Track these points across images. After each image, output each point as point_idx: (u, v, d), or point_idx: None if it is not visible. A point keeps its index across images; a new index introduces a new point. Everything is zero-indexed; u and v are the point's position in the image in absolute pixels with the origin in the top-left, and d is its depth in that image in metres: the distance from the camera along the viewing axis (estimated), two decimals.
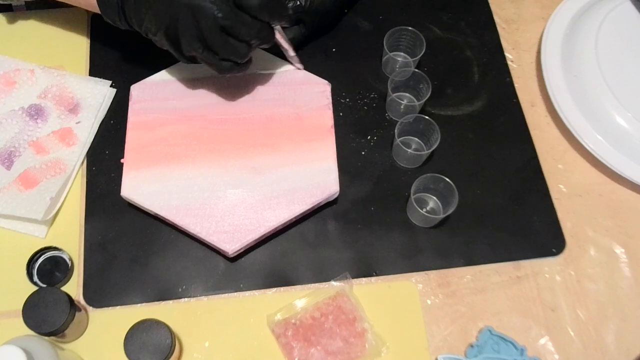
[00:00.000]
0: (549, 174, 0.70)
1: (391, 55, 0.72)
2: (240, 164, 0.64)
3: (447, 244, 0.65)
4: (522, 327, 0.61)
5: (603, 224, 0.67)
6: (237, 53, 0.58)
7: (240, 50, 0.58)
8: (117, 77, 0.72)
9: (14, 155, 0.67)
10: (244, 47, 0.58)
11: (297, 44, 0.72)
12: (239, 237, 0.60)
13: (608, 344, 0.61)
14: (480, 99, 0.74)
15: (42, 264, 0.63)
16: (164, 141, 0.65)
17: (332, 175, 0.63)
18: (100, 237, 0.64)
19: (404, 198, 0.67)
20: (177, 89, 0.68)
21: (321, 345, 0.58)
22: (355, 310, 0.60)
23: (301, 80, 0.69)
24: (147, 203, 0.62)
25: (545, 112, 0.74)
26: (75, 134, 0.69)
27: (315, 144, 0.65)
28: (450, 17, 0.80)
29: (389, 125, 0.71)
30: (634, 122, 0.67)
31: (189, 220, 0.61)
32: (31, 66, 0.72)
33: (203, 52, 0.58)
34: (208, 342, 0.60)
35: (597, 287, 0.64)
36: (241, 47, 0.58)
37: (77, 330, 0.59)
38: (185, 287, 0.62)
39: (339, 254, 0.64)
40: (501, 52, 0.77)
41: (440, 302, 0.62)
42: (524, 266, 0.64)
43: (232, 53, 0.58)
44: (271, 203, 0.62)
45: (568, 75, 0.72)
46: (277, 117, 0.66)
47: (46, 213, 0.63)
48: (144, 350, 0.53)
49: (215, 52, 0.58)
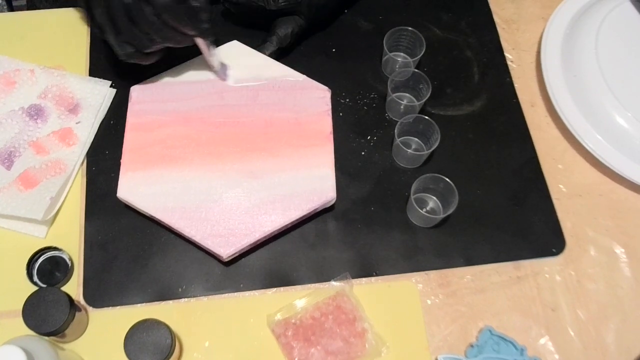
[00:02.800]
0: (549, 174, 0.70)
1: (391, 55, 0.72)
2: (238, 167, 0.64)
3: (447, 244, 0.65)
4: (522, 327, 0.61)
5: (603, 224, 0.67)
6: (139, 42, 0.59)
7: (142, 40, 0.58)
8: (117, 77, 0.72)
9: (14, 155, 0.67)
10: (145, 40, 0.58)
11: (295, 37, 0.72)
12: (233, 241, 0.60)
13: (608, 343, 0.61)
14: (480, 99, 0.74)
15: (42, 264, 0.63)
16: (162, 143, 0.65)
17: (329, 182, 0.63)
18: (100, 237, 0.64)
19: (404, 198, 0.67)
20: (177, 91, 0.68)
21: (321, 345, 0.58)
22: (355, 310, 0.60)
23: (301, 86, 0.68)
24: (142, 205, 0.61)
25: (545, 112, 0.74)
26: (75, 134, 0.69)
27: (314, 150, 0.65)
28: (450, 17, 0.80)
29: (389, 125, 0.71)
30: (634, 122, 0.67)
31: (184, 223, 0.60)
32: (31, 66, 0.72)
33: (110, 29, 0.58)
34: (208, 342, 0.60)
35: (597, 287, 0.64)
36: (142, 38, 0.58)
37: (77, 330, 0.59)
38: (185, 287, 0.62)
39: (339, 254, 0.64)
40: (501, 52, 0.77)
41: (440, 302, 0.62)
42: (524, 266, 0.64)
43: (133, 39, 0.58)
44: (267, 208, 0.62)
45: (568, 75, 0.72)
46: (276, 121, 0.66)
47: (46, 213, 0.63)
48: (144, 350, 0.53)
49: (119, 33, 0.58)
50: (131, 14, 0.56)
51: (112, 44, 0.60)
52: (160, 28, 0.58)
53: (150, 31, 0.58)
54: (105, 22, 0.58)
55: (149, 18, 0.57)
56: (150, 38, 0.59)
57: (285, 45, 0.72)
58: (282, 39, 0.71)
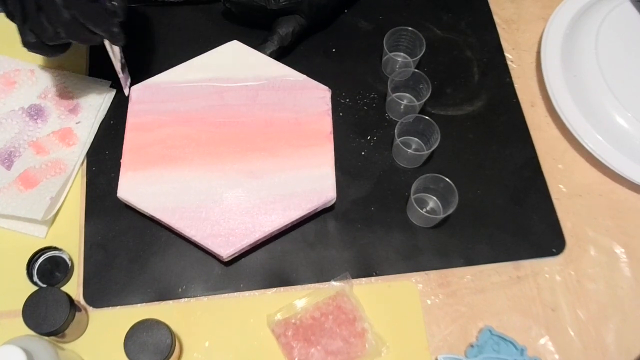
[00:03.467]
0: (549, 174, 0.70)
1: (391, 55, 0.72)
2: (238, 167, 0.64)
3: (447, 244, 0.65)
4: (522, 327, 0.61)
5: (603, 224, 0.67)
6: (43, 32, 0.57)
7: (47, 31, 0.57)
8: (117, 78, 0.72)
9: (14, 155, 0.67)
10: (50, 31, 0.57)
11: (296, 36, 0.72)
12: (233, 242, 0.60)
13: (608, 343, 0.61)
14: (480, 99, 0.74)
15: (42, 264, 0.63)
16: (162, 143, 0.65)
17: (329, 182, 0.63)
18: (100, 237, 0.64)
19: (404, 198, 0.67)
20: (177, 91, 0.68)
21: (321, 345, 0.58)
22: (355, 310, 0.60)
23: (301, 86, 0.68)
24: (143, 205, 0.62)
25: (545, 112, 0.74)
26: (75, 134, 0.69)
27: (314, 150, 0.65)
28: (450, 17, 0.80)
29: (389, 125, 0.71)
30: (634, 122, 0.67)
31: (184, 223, 0.60)
32: (31, 66, 0.72)
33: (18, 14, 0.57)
34: (208, 342, 0.60)
35: (597, 287, 0.64)
36: (48, 29, 0.57)
37: (77, 330, 0.59)
38: (185, 287, 0.62)
39: (339, 254, 0.64)
40: (501, 52, 0.77)
41: (440, 302, 0.62)
42: (524, 266, 0.64)
43: (38, 28, 0.57)
44: (267, 208, 0.62)
45: (568, 75, 0.72)
46: (276, 121, 0.66)
47: (46, 213, 0.63)
48: (144, 350, 0.53)
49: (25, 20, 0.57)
50: (41, 3, 0.55)
51: (18, 30, 0.59)
52: (68, 22, 0.57)
53: (57, 24, 0.57)
54: (15, 7, 0.57)
55: (58, 10, 0.56)
56: (56, 31, 0.57)
57: (286, 44, 0.72)
58: (283, 38, 0.71)
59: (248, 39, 0.71)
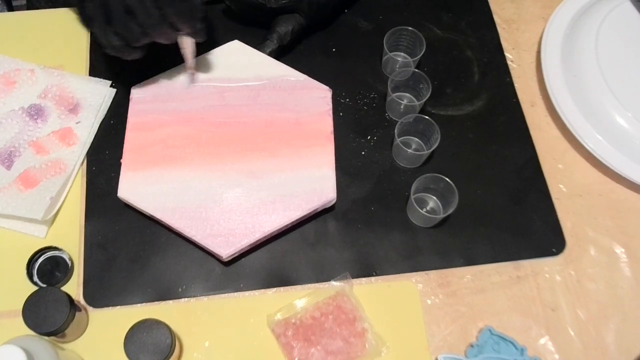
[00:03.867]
0: (549, 174, 0.70)
1: (391, 55, 0.72)
2: (238, 167, 0.64)
3: (447, 244, 0.65)
4: (522, 327, 0.61)
5: (603, 224, 0.67)
6: (131, 34, 0.58)
7: (134, 33, 0.57)
8: (117, 77, 0.72)
9: (14, 155, 0.67)
10: (139, 32, 0.57)
11: (296, 34, 0.72)
12: (233, 242, 0.60)
13: (608, 343, 0.61)
14: (480, 99, 0.74)
15: (42, 264, 0.63)
16: (163, 143, 0.65)
17: (329, 182, 0.63)
18: (100, 237, 0.64)
19: (404, 198, 0.67)
20: (178, 91, 0.68)
21: (321, 345, 0.58)
22: (355, 310, 0.60)
23: (302, 86, 0.68)
24: (143, 204, 0.62)
25: (545, 112, 0.74)
26: (75, 133, 0.69)
27: (314, 150, 0.65)
28: (450, 17, 0.80)
29: (389, 125, 0.71)
30: (634, 122, 0.67)
31: (184, 223, 0.60)
32: (31, 66, 0.72)
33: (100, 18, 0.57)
34: (208, 342, 0.60)
35: (597, 287, 0.64)
36: (136, 30, 0.57)
37: (77, 330, 0.59)
38: (185, 287, 0.62)
39: (339, 253, 0.64)
40: (501, 52, 0.77)
41: (440, 302, 0.62)
42: (524, 266, 0.64)
43: (125, 31, 0.57)
44: (267, 208, 0.62)
45: (568, 75, 0.72)
46: (277, 121, 0.66)
47: (46, 213, 0.63)
48: (144, 350, 0.53)
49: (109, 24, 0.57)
50: (129, 4, 0.55)
51: (98, 34, 0.59)
52: (159, 22, 0.57)
53: (146, 24, 0.57)
54: (97, 11, 0.57)
55: (149, 10, 0.56)
56: (143, 31, 0.58)
57: (285, 43, 0.72)
58: (283, 36, 0.71)
59: (248, 37, 0.71)
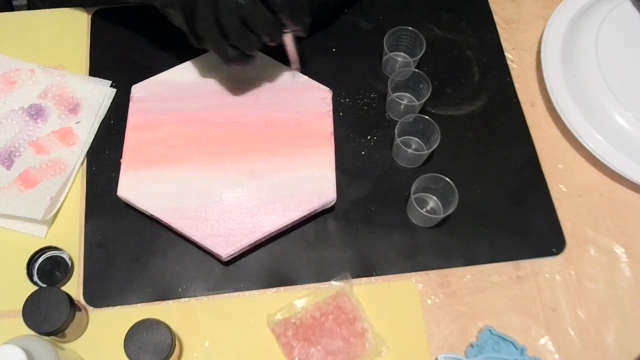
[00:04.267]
0: (549, 174, 0.70)
1: (391, 55, 0.72)
2: (238, 167, 0.64)
3: (447, 244, 0.65)
4: (522, 327, 0.61)
5: (603, 224, 0.67)
6: (248, 43, 0.59)
7: (251, 41, 0.59)
8: (117, 77, 0.72)
9: (14, 155, 0.67)
10: (255, 40, 0.59)
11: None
12: (233, 241, 0.60)
13: (608, 343, 0.61)
14: (480, 99, 0.74)
15: (42, 264, 0.63)
16: (163, 142, 0.65)
17: (329, 183, 0.63)
18: (100, 237, 0.64)
19: (404, 198, 0.67)
20: (178, 91, 0.68)
21: (321, 345, 0.58)
22: (355, 310, 0.60)
23: (302, 86, 0.68)
24: (143, 204, 0.62)
25: (545, 112, 0.74)
26: (75, 133, 0.69)
27: (314, 150, 0.65)
28: (450, 17, 0.80)
29: (389, 125, 0.71)
30: (634, 122, 0.67)
31: (184, 223, 0.60)
32: (31, 66, 0.72)
33: (215, 34, 0.57)
34: (208, 342, 0.60)
35: (597, 287, 0.64)
36: (252, 38, 0.58)
37: (77, 330, 0.59)
38: (185, 286, 0.62)
39: (339, 253, 0.64)
40: (501, 52, 0.77)
41: (440, 302, 0.62)
42: (524, 266, 0.64)
43: (242, 42, 0.58)
44: (267, 208, 0.62)
45: (568, 75, 0.72)
46: (277, 121, 0.66)
47: (46, 213, 0.63)
48: (144, 350, 0.53)
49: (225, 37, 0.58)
50: (244, 15, 0.56)
51: (214, 50, 0.60)
52: (276, 27, 0.58)
53: (264, 31, 0.58)
54: (211, 29, 0.57)
55: (265, 17, 0.57)
56: (259, 39, 0.59)
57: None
58: None
59: None
